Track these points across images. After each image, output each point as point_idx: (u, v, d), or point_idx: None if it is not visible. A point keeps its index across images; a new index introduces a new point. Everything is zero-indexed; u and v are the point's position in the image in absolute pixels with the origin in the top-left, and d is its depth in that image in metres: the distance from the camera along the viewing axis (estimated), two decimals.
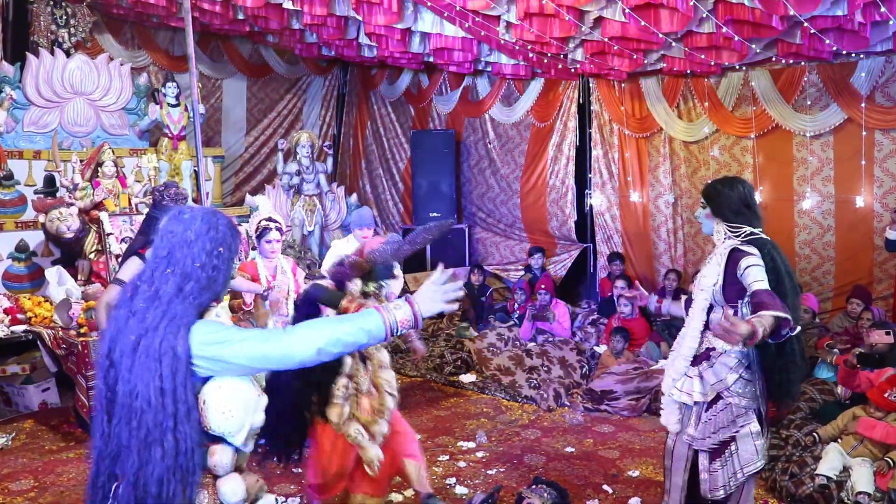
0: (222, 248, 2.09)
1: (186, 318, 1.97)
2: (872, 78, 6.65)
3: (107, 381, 1.99)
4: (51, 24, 7.66)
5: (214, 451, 2.04)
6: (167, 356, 1.91)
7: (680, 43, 6.32)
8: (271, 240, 4.84)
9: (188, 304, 2.00)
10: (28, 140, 7.39)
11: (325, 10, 6.83)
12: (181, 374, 1.91)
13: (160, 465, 1.88)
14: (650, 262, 8.53)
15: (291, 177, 9.01)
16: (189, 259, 2.03)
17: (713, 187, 3.39)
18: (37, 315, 5.96)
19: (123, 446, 1.93)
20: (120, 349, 1.97)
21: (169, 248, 2.05)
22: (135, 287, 2.06)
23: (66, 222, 6.27)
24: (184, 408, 1.91)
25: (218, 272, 2.08)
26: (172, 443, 1.89)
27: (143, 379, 1.90)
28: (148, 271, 2.07)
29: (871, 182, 6.90)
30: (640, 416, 5.87)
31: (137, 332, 1.95)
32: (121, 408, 1.94)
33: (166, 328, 1.94)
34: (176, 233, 2.06)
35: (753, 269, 3.09)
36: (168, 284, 2.00)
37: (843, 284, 7.16)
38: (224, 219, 2.14)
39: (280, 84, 10.41)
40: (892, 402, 4.35)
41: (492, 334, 7.32)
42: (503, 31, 6.73)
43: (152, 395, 1.89)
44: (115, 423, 1.95)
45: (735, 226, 3.26)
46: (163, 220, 2.15)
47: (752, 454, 3.23)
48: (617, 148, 8.59)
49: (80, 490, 4.59)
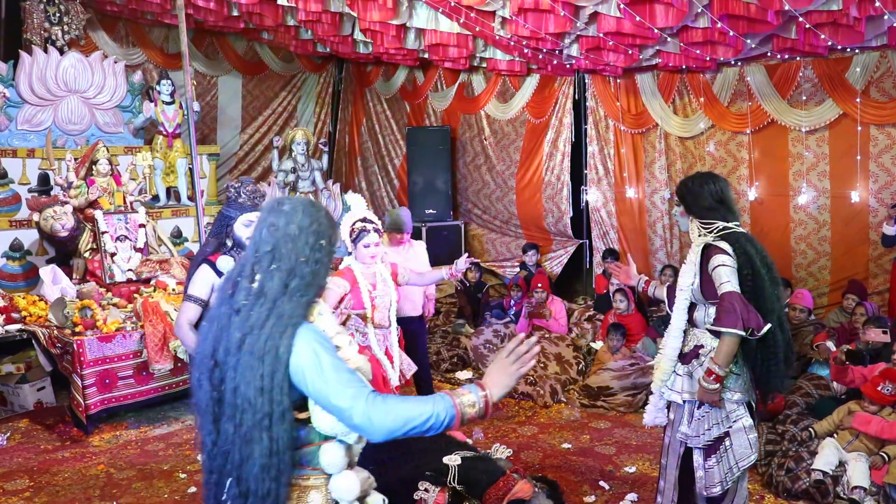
0: (324, 241, 2.04)
1: (295, 318, 1.94)
2: (867, 73, 6.65)
3: (212, 381, 1.98)
4: (44, 21, 7.62)
5: (327, 451, 2.02)
6: (269, 355, 1.88)
7: (675, 38, 6.31)
8: (369, 243, 4.19)
9: (295, 301, 1.96)
10: (22, 138, 7.36)
11: (320, 6, 6.82)
12: (280, 374, 1.88)
13: (258, 462, 1.89)
14: (646, 258, 8.53)
15: (287, 174, 8.98)
16: (294, 254, 1.98)
17: (684, 185, 3.38)
18: (31, 314, 5.95)
19: (230, 443, 1.93)
20: (224, 347, 1.95)
21: (273, 242, 1.99)
22: (235, 284, 2.02)
23: (61, 221, 6.25)
24: (279, 409, 1.89)
25: (320, 266, 2.03)
26: (268, 442, 1.89)
27: (245, 377, 1.89)
28: (248, 266, 2.01)
29: (866, 177, 6.91)
30: (636, 412, 5.87)
31: (242, 330, 1.92)
32: (227, 406, 1.93)
33: (273, 326, 1.90)
34: (279, 226, 2.00)
35: (720, 270, 3.08)
36: (273, 281, 1.96)
37: (839, 279, 7.17)
38: (322, 209, 2.09)
39: (275, 81, 10.40)
40: (885, 396, 4.37)
41: (488, 331, 7.31)
42: (498, 26, 6.72)
43: (252, 394, 1.88)
44: (223, 421, 1.95)
45: (707, 222, 3.25)
46: (259, 213, 2.08)
47: (746, 448, 3.24)
48: (613, 144, 8.58)
49: (76, 489, 4.59)
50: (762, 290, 3.06)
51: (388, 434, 1.86)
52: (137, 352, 5.69)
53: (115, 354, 5.60)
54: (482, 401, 1.93)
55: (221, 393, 1.96)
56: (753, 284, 3.07)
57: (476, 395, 1.93)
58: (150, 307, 5.78)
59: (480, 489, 3.27)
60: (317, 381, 1.88)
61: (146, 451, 5.24)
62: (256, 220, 2.09)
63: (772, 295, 3.09)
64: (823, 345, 5.42)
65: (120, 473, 4.84)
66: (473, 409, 1.92)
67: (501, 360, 2.02)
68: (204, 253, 3.68)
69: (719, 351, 3.08)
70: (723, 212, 3.23)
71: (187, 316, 3.53)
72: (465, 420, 1.91)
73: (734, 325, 2.99)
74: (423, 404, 1.88)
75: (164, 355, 5.66)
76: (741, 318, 2.98)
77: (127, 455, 5.16)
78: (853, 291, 6.49)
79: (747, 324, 2.99)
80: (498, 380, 1.99)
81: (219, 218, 3.72)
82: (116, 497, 4.49)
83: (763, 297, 3.07)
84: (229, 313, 1.98)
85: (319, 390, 1.88)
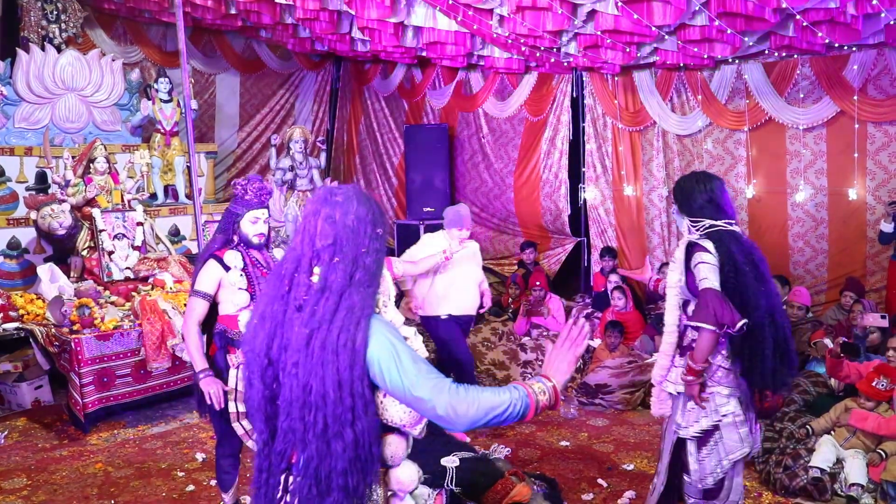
0: (380, 230, 2.01)
1: (367, 309, 1.90)
2: (864, 70, 6.65)
3: (264, 380, 1.94)
4: (41, 19, 7.61)
5: (391, 442, 2.02)
6: (345, 349, 1.83)
7: (673, 36, 6.31)
8: None
9: (363, 292, 1.91)
10: (19, 136, 7.35)
11: (318, 4, 6.81)
12: (359, 367, 1.84)
13: (342, 458, 1.84)
14: (644, 255, 8.52)
15: (284, 172, 8.97)
16: (355, 245, 1.94)
17: (677, 184, 3.47)
18: (29, 312, 5.95)
19: (299, 441, 1.88)
20: (280, 345, 1.91)
21: (333, 235, 1.93)
22: (291, 279, 1.96)
23: (59, 219, 6.24)
24: (361, 402, 1.85)
25: (380, 254, 2.00)
26: (352, 436, 1.85)
27: (317, 373, 1.84)
28: (305, 261, 1.96)
29: (863, 175, 6.91)
30: (634, 409, 5.88)
31: (310, 326, 1.87)
32: (290, 404, 1.88)
33: (345, 318, 1.86)
34: (336, 218, 1.95)
35: (700, 268, 3.17)
36: (337, 273, 1.91)
37: (836, 277, 7.18)
38: (372, 198, 2.06)
39: (273, 79, 10.39)
40: (880, 392, 4.38)
41: (486, 329, 7.31)
42: (496, 24, 6.72)
43: (329, 389, 1.83)
44: (282, 420, 1.90)
45: (696, 220, 3.33)
46: (306, 204, 2.05)
47: (736, 442, 3.30)
48: (610, 142, 8.58)
49: (74, 488, 4.59)
50: (745, 286, 3.12)
51: (471, 424, 1.84)
52: (135, 350, 5.69)
53: (113, 353, 5.59)
54: (551, 389, 1.93)
55: (275, 391, 1.93)
56: (736, 281, 3.13)
57: (544, 384, 1.93)
58: (148, 305, 5.78)
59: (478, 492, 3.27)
60: (394, 372, 1.85)
61: (144, 449, 5.24)
62: (305, 211, 2.03)
63: (756, 292, 3.13)
64: (821, 342, 5.43)
65: (118, 472, 4.84)
66: (545, 396, 1.91)
67: (556, 348, 2.01)
68: (211, 248, 3.67)
69: (696, 346, 3.18)
70: (711, 210, 3.28)
71: (197, 313, 3.54)
72: (539, 409, 1.90)
73: (706, 321, 3.08)
74: (501, 394, 1.87)
75: (161, 354, 5.67)
76: (714, 314, 3.06)
77: (125, 453, 5.16)
78: (851, 289, 6.50)
79: (720, 319, 3.05)
80: (558, 367, 1.98)
81: (225, 215, 3.72)
82: (114, 495, 4.49)
83: (746, 294, 3.12)
84: (284, 309, 1.93)
85: (397, 382, 1.85)
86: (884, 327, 5.21)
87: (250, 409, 2.00)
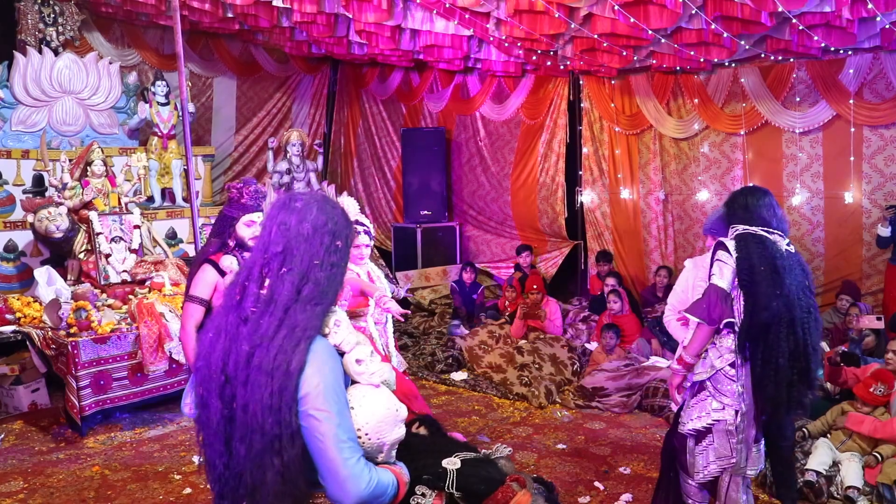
0: (340, 242, 1.86)
1: (309, 330, 1.76)
2: (860, 74, 6.68)
3: (223, 398, 1.79)
4: (38, 22, 7.60)
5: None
6: (279, 371, 1.70)
7: (669, 39, 6.33)
8: (360, 244, 4.34)
9: (309, 311, 1.78)
10: (16, 139, 7.34)
11: (315, 7, 6.81)
12: (288, 393, 1.70)
13: (270, 489, 1.73)
14: (640, 258, 8.55)
15: (282, 175, 8.98)
16: (307, 256, 1.80)
17: (730, 195, 3.68)
18: (26, 315, 5.93)
19: (243, 466, 1.77)
20: (234, 360, 1.77)
21: (284, 242, 1.80)
22: (242, 288, 1.84)
23: (56, 222, 6.24)
24: (287, 431, 1.71)
25: (336, 270, 1.85)
26: (279, 467, 1.72)
27: (254, 394, 1.72)
28: (256, 269, 1.84)
29: (859, 178, 6.94)
30: (631, 412, 5.88)
31: (251, 342, 1.75)
32: (239, 425, 1.76)
33: (285, 338, 1.73)
34: (290, 225, 1.81)
35: (716, 264, 3.35)
36: (284, 286, 1.78)
37: (833, 280, 7.20)
38: (338, 207, 1.92)
39: (270, 83, 10.38)
40: (877, 397, 4.39)
41: (483, 332, 7.32)
42: (493, 27, 6.73)
43: (260, 413, 1.71)
44: (235, 442, 1.78)
45: (733, 225, 3.47)
46: (265, 210, 1.94)
47: (725, 450, 3.38)
48: (607, 145, 8.60)
49: (70, 491, 4.58)
50: (757, 286, 3.19)
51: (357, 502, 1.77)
52: (132, 353, 5.68)
53: (110, 356, 5.58)
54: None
55: (233, 410, 1.78)
56: (750, 282, 3.22)
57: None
58: (145, 308, 5.77)
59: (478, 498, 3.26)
60: (327, 418, 1.74)
61: (141, 452, 5.23)
62: (265, 217, 1.91)
63: (769, 294, 3.18)
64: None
65: (115, 475, 4.83)
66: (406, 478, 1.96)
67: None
68: (206, 253, 3.62)
69: (692, 338, 3.39)
70: (744, 217, 3.41)
71: (194, 319, 3.49)
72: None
73: (695, 313, 3.31)
74: (388, 475, 1.86)
75: (158, 356, 5.66)
76: (707, 309, 3.25)
77: (122, 456, 5.15)
78: (847, 292, 6.52)
79: (710, 314, 3.24)
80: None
81: (220, 218, 3.67)
82: (111, 499, 4.48)
83: (756, 295, 3.19)
84: (237, 322, 1.81)
85: (312, 420, 1.74)
86: (879, 329, 5.23)
87: (207, 432, 1.84)
